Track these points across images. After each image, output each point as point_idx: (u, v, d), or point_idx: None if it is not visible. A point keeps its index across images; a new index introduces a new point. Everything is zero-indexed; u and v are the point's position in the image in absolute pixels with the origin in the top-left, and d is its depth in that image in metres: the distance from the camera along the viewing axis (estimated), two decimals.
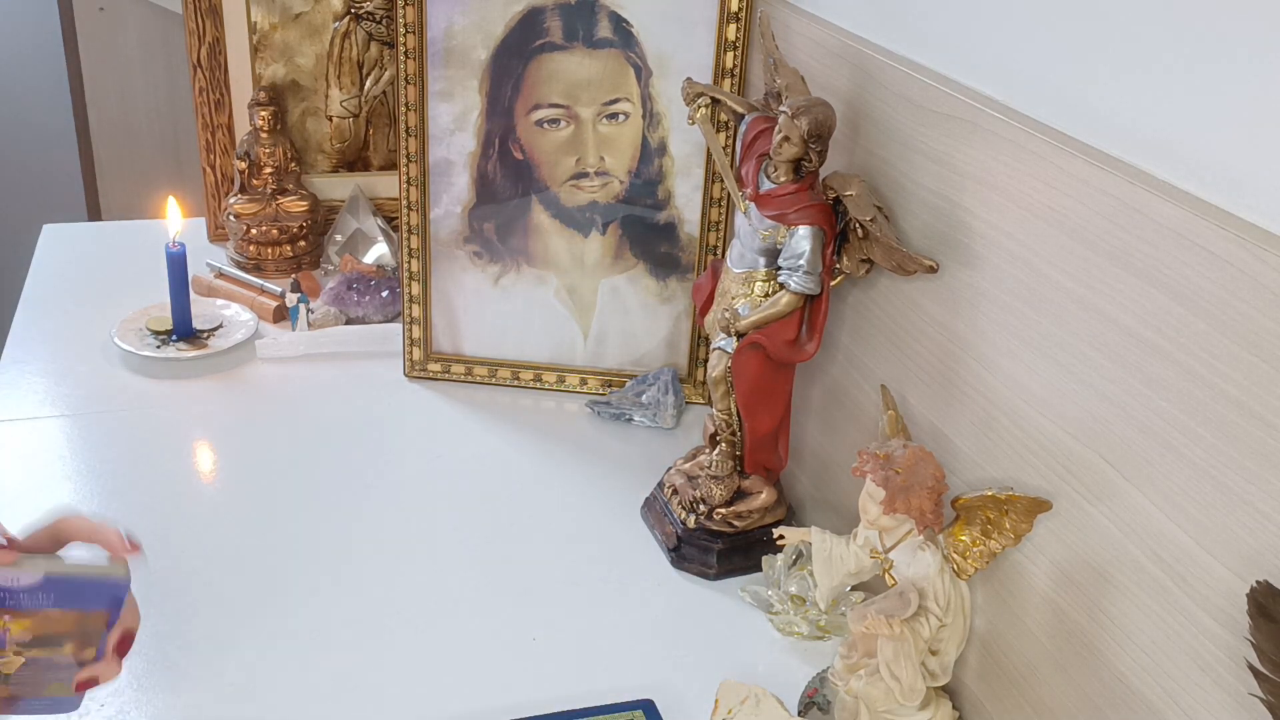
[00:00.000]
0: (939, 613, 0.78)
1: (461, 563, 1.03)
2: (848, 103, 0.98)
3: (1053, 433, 0.75)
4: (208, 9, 1.47)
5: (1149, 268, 0.65)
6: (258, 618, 0.95)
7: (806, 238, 0.93)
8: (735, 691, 0.86)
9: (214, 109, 1.53)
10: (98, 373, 1.29)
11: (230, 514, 1.08)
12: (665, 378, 1.25)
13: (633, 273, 1.28)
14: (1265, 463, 0.58)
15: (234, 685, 0.88)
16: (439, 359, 1.31)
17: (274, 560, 1.02)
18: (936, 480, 0.77)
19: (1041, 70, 0.76)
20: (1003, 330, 0.80)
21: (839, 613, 0.96)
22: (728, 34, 1.17)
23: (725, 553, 1.03)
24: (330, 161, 1.59)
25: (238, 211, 1.51)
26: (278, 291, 1.43)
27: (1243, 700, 0.60)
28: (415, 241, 1.27)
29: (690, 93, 1.01)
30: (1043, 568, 0.76)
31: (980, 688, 0.84)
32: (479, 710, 0.87)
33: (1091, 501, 0.71)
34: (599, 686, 0.89)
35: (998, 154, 0.78)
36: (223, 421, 1.23)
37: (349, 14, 1.52)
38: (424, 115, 1.23)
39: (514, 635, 0.95)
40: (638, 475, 1.15)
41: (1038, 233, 0.75)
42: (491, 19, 1.20)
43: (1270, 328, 0.57)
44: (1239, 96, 0.61)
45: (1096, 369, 0.70)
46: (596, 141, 1.23)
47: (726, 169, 1.01)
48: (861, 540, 0.85)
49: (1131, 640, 0.69)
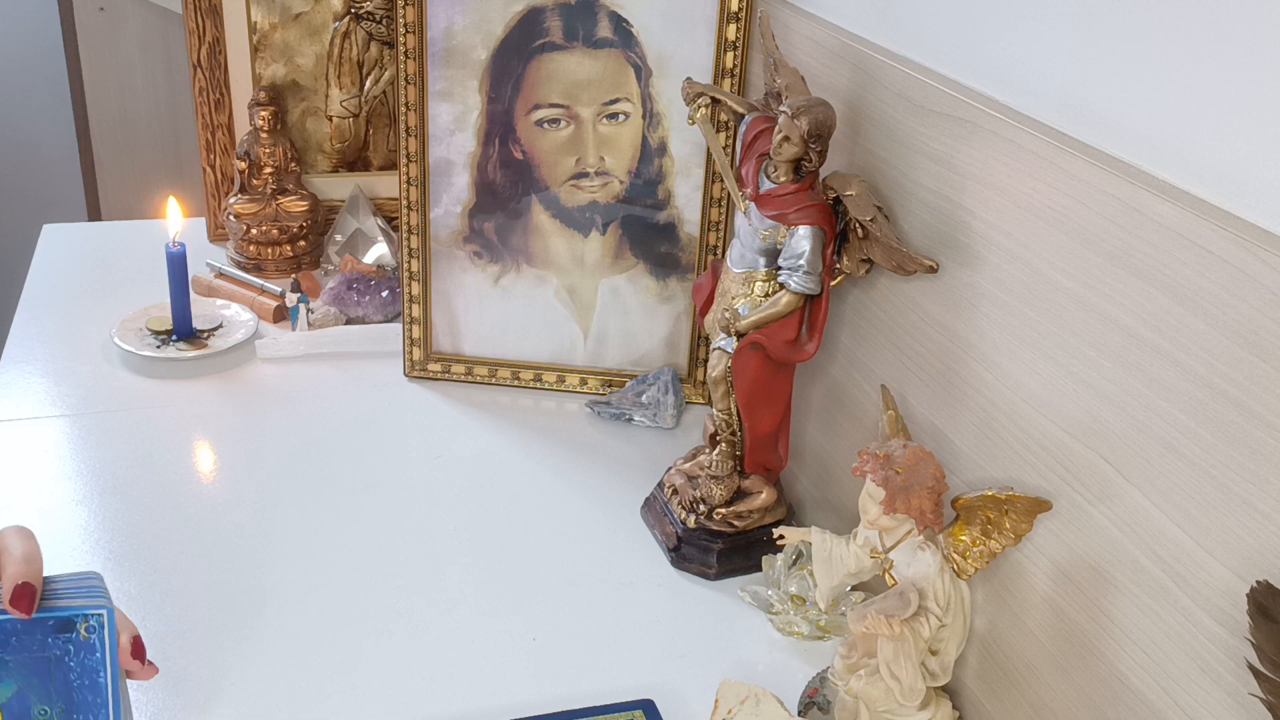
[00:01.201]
0: (939, 613, 0.78)
1: (461, 562, 1.04)
2: (848, 103, 0.98)
3: (1053, 433, 0.75)
4: (208, 9, 1.47)
5: (1149, 268, 0.65)
6: (257, 617, 0.95)
7: (806, 238, 0.93)
8: (735, 691, 0.86)
9: (214, 109, 1.53)
10: (98, 373, 1.29)
11: (230, 514, 1.08)
12: (665, 378, 1.25)
13: (633, 273, 1.28)
14: (1265, 463, 0.58)
15: (233, 685, 0.88)
16: (439, 359, 1.31)
17: (273, 560, 1.02)
18: (936, 480, 0.77)
19: (1041, 70, 0.76)
20: (1003, 330, 0.80)
21: (839, 613, 0.96)
22: (728, 34, 1.17)
23: (725, 553, 1.03)
24: (330, 161, 1.59)
25: (238, 211, 1.51)
26: (278, 291, 1.43)
27: (1243, 700, 0.60)
28: (415, 241, 1.27)
29: (690, 93, 1.01)
30: (1043, 568, 0.76)
31: (980, 688, 0.84)
32: (479, 710, 0.87)
33: (1091, 501, 0.71)
34: (599, 686, 0.89)
35: (998, 154, 0.78)
36: (223, 421, 1.23)
37: (349, 14, 1.52)
38: (424, 115, 1.23)
39: (514, 635, 0.95)
40: (638, 475, 1.15)
41: (1038, 233, 0.75)
42: (491, 19, 1.20)
43: (1270, 328, 0.57)
44: (1239, 96, 0.61)
45: (1096, 369, 0.70)
46: (596, 141, 1.23)
47: (726, 169, 1.01)
48: (861, 540, 0.85)
49: (1131, 640, 0.69)
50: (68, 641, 0.58)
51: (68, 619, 0.58)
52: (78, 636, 0.58)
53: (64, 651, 0.58)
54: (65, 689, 0.59)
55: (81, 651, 0.59)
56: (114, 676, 0.59)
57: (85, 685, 0.59)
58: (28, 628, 0.58)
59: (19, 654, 0.58)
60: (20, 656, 0.58)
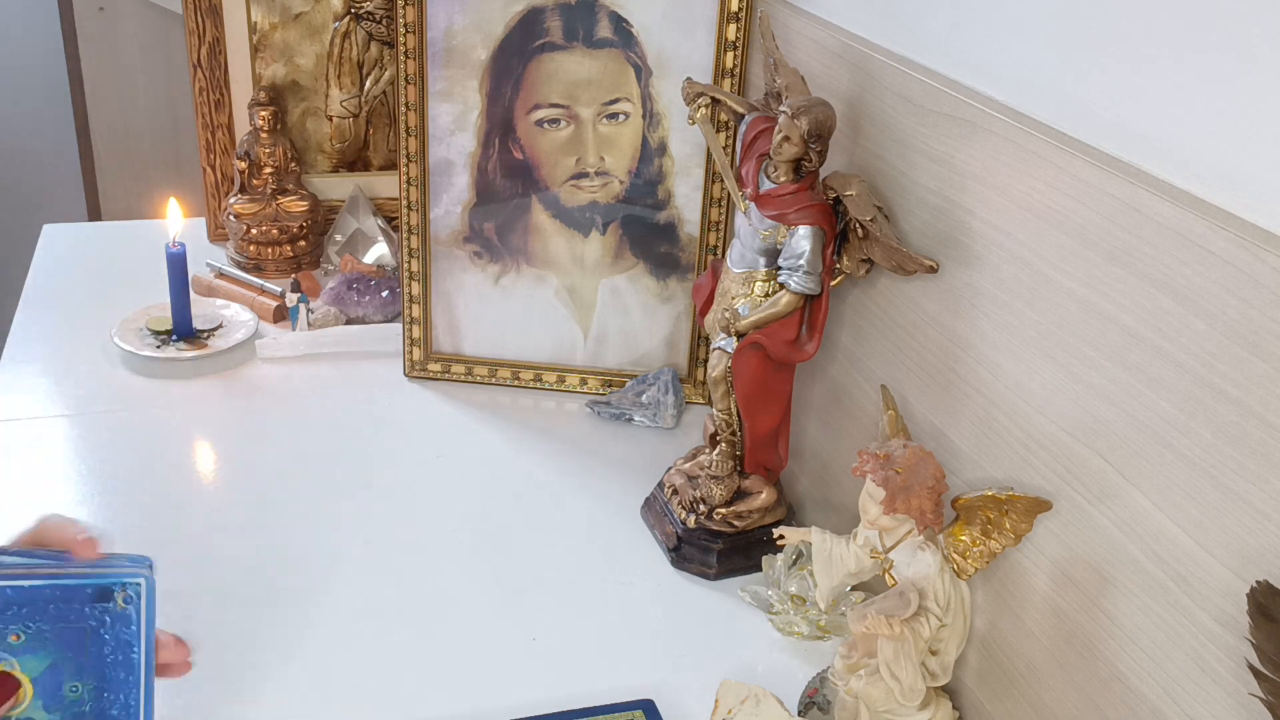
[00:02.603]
0: (939, 613, 0.78)
1: (461, 562, 1.03)
2: (848, 103, 0.98)
3: (1053, 433, 0.75)
4: (208, 9, 1.47)
5: (1149, 268, 0.65)
6: (257, 618, 0.95)
7: (806, 238, 0.93)
8: (735, 691, 0.86)
9: (214, 109, 1.53)
10: (98, 373, 1.29)
11: (230, 514, 1.08)
12: (665, 378, 1.25)
13: (633, 273, 1.28)
14: (1265, 463, 0.58)
15: (233, 685, 0.88)
16: (439, 359, 1.31)
17: (273, 560, 1.02)
18: (936, 480, 0.77)
19: (1041, 70, 0.76)
20: (1003, 330, 0.80)
21: (839, 613, 0.96)
22: (728, 34, 1.17)
23: (725, 553, 1.03)
24: (330, 161, 1.59)
25: (238, 211, 1.51)
26: (278, 291, 1.43)
27: (1243, 700, 0.60)
28: (415, 241, 1.27)
29: (690, 93, 1.01)
30: (1043, 568, 0.76)
31: (980, 688, 0.84)
32: (479, 710, 0.87)
33: (1091, 501, 0.71)
34: (599, 686, 0.89)
35: (998, 154, 0.78)
36: (223, 421, 1.23)
37: (349, 14, 1.52)
38: (424, 115, 1.23)
39: (514, 635, 0.95)
40: (638, 475, 1.15)
41: (1038, 233, 0.75)
42: (491, 19, 1.20)
43: (1270, 328, 0.57)
44: (1239, 96, 0.61)
45: (1096, 369, 0.70)
46: (596, 141, 1.23)
47: (726, 169, 1.01)
48: (861, 540, 0.85)
49: (1131, 640, 0.69)
50: (104, 612, 0.57)
51: (105, 587, 0.57)
52: (114, 606, 0.57)
53: (99, 622, 0.57)
54: (99, 664, 0.57)
55: (118, 623, 0.57)
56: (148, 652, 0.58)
57: (119, 661, 0.58)
58: (66, 595, 0.56)
59: (56, 624, 0.56)
60: (57, 627, 0.57)
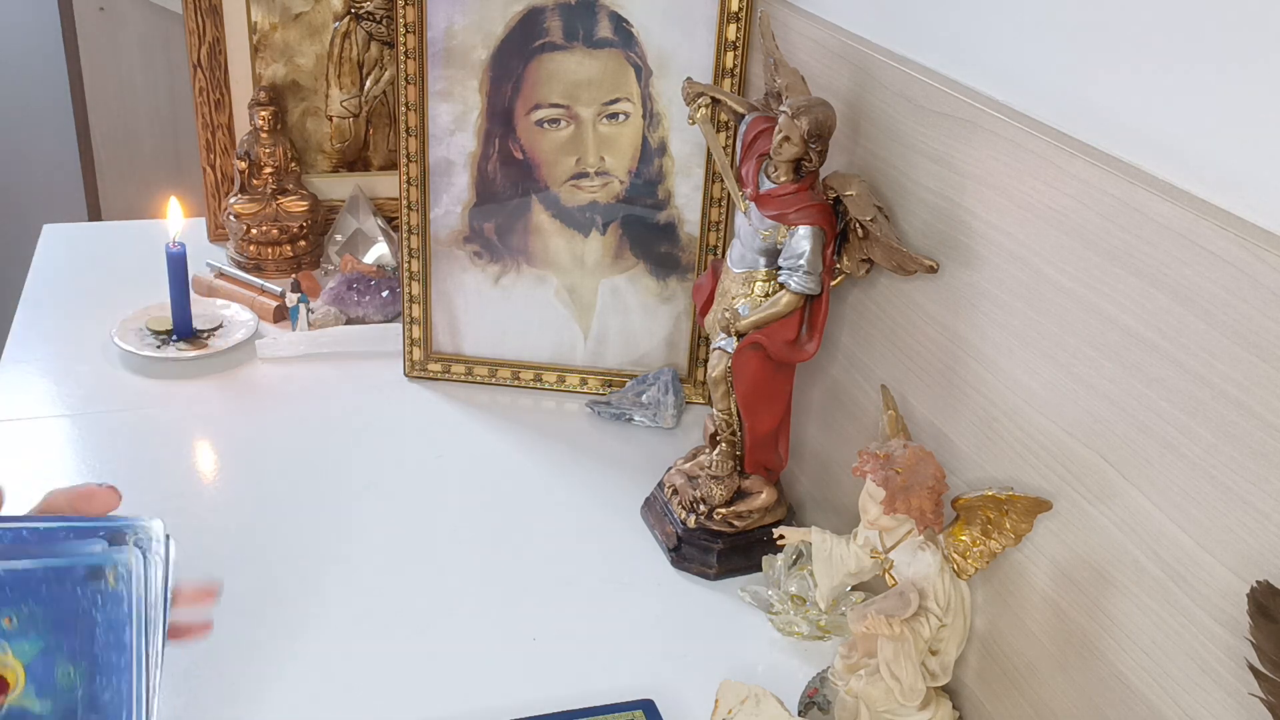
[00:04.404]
0: (939, 613, 0.78)
1: (461, 562, 1.03)
2: (848, 103, 0.98)
3: (1053, 433, 0.75)
4: (208, 9, 1.47)
5: (1149, 268, 0.65)
6: (256, 618, 0.95)
7: (806, 238, 0.93)
8: (735, 691, 0.86)
9: (214, 109, 1.53)
10: (98, 373, 1.29)
11: (230, 514, 1.08)
12: (665, 378, 1.25)
13: (633, 273, 1.28)
14: (1265, 463, 0.58)
15: (233, 685, 0.88)
16: (439, 359, 1.31)
17: (273, 560, 1.02)
18: (937, 480, 0.77)
19: (1041, 70, 0.76)
20: (1003, 330, 0.80)
21: (839, 613, 0.96)
22: (728, 34, 1.17)
23: (725, 553, 1.03)
24: (330, 161, 1.59)
25: (238, 211, 1.51)
26: (278, 291, 1.43)
27: (1243, 700, 0.60)
28: (415, 241, 1.27)
29: (690, 93, 1.01)
30: (1043, 568, 0.76)
31: (980, 688, 0.84)
32: (479, 710, 0.87)
33: (1091, 501, 0.71)
34: (599, 686, 0.89)
35: (998, 154, 0.78)
36: (223, 421, 1.23)
37: (349, 14, 1.52)
38: (424, 115, 1.23)
39: (514, 635, 0.95)
40: (638, 475, 1.15)
41: (1038, 233, 0.75)
42: (491, 19, 1.20)
43: (1270, 328, 0.57)
44: (1239, 96, 0.61)
45: (1096, 369, 0.70)
46: (596, 141, 1.23)
47: (726, 169, 1.01)
48: (861, 540, 0.85)
49: (1131, 640, 0.69)
50: (96, 591, 0.56)
51: (96, 565, 0.56)
52: (105, 585, 0.56)
53: (92, 603, 0.56)
54: (90, 646, 0.56)
55: (109, 603, 0.56)
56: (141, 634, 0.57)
57: (110, 643, 0.56)
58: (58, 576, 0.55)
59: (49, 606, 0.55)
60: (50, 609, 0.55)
